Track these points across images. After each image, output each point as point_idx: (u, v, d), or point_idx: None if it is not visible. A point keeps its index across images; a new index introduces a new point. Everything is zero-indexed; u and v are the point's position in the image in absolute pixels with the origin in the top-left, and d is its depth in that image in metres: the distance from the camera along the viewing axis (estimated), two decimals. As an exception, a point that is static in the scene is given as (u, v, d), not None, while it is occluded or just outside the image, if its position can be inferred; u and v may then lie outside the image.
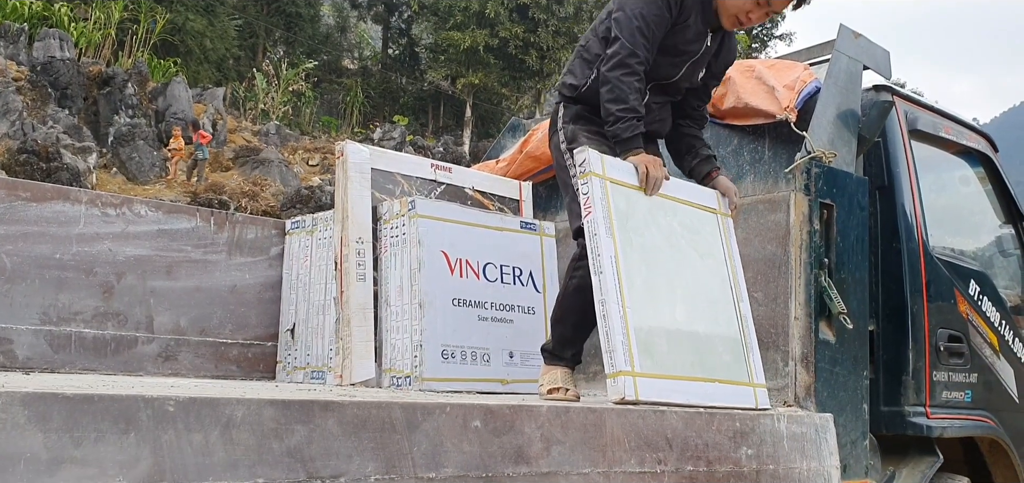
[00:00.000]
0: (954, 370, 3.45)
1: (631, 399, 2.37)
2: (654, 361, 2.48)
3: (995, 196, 4.18)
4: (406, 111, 29.60)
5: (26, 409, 1.39)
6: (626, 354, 2.42)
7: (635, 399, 2.37)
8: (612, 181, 2.58)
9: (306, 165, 21.08)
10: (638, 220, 2.62)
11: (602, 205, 2.52)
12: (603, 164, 2.58)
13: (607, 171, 2.59)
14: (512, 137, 4.59)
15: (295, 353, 3.48)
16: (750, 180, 3.44)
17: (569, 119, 3.05)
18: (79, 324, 3.10)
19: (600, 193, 2.54)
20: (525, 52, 26.62)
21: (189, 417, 1.55)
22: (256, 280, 3.54)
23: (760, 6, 2.83)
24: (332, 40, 31.83)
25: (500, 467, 1.98)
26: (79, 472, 1.43)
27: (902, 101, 3.62)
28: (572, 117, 3.04)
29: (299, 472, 1.67)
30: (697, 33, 2.88)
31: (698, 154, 3.09)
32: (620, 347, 2.42)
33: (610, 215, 2.53)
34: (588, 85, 2.99)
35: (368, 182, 3.24)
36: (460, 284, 3.12)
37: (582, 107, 3.03)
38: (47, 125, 16.49)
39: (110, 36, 21.38)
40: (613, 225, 2.52)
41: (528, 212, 3.72)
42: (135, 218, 3.25)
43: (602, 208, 2.52)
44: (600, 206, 2.52)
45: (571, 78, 3.05)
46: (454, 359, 3.03)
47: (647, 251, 2.61)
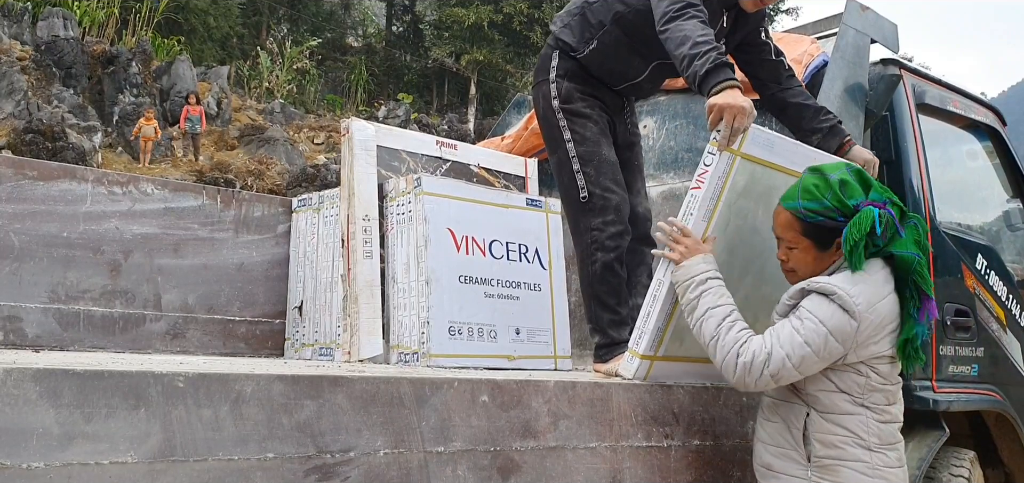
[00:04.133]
0: (961, 344, 3.45)
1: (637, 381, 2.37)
2: (683, 345, 2.42)
3: (1003, 170, 4.17)
4: (410, 89, 29.51)
5: (38, 385, 1.40)
6: (655, 341, 2.38)
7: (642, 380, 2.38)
8: (745, 157, 2.37)
9: (311, 143, 21.05)
10: (750, 199, 2.43)
11: (715, 184, 2.33)
12: (744, 137, 2.35)
13: (745, 145, 2.36)
14: (517, 114, 4.58)
15: (303, 330, 3.49)
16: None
17: (562, 73, 3.00)
18: (87, 302, 3.11)
19: (722, 170, 2.34)
20: (530, 28, 26.48)
21: (199, 393, 1.56)
22: (263, 258, 3.55)
23: None
24: (336, 17, 31.69)
25: (508, 441, 1.99)
26: (90, 447, 1.44)
27: (910, 75, 3.60)
28: (566, 72, 3.00)
29: (309, 446, 1.68)
30: (713, 12, 2.77)
31: (819, 126, 2.87)
32: (653, 333, 2.38)
33: (719, 196, 2.34)
34: (585, 54, 2.95)
35: (374, 160, 3.23)
36: (466, 261, 3.12)
37: (576, 65, 2.99)
38: (52, 105, 16.49)
39: (113, 15, 21.30)
40: (716, 209, 2.34)
41: (534, 189, 3.71)
42: (142, 196, 3.25)
43: (713, 188, 2.33)
44: (712, 184, 2.32)
45: (569, 35, 2.98)
46: (461, 336, 3.03)
47: (740, 233, 2.45)
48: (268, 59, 24.78)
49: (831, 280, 2.15)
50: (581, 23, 2.96)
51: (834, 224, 2.19)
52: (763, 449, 2.32)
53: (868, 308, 2.13)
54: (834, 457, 2.19)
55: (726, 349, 2.15)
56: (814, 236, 2.23)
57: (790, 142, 2.49)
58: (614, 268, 2.87)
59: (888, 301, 2.19)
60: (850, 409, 2.20)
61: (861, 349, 2.16)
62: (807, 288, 2.18)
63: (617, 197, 2.91)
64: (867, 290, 2.14)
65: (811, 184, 2.22)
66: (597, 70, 2.97)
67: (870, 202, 2.18)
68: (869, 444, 2.19)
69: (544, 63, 3.09)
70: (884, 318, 2.17)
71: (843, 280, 2.15)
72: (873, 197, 2.20)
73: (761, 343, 2.13)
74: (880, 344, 2.19)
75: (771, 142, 2.43)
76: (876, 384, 2.20)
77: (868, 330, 2.15)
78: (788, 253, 2.28)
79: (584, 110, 2.96)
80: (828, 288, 2.13)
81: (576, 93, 2.97)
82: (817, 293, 2.15)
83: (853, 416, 2.19)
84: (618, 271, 2.87)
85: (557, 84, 3.00)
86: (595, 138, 2.95)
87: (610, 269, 2.86)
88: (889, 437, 2.23)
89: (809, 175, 2.25)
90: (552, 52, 3.06)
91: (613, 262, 2.86)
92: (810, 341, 2.10)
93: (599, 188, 2.91)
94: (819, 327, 2.10)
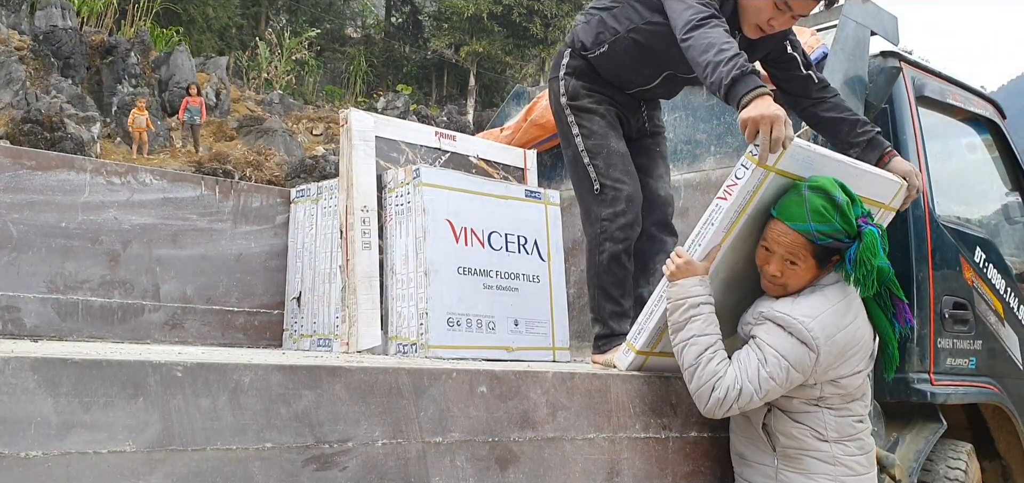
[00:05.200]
0: (959, 337, 3.46)
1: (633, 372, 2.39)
2: None
3: (1002, 163, 4.17)
4: (410, 80, 29.47)
5: (36, 374, 1.40)
6: (653, 338, 2.40)
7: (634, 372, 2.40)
8: (779, 172, 2.26)
9: (310, 134, 21.03)
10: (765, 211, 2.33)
11: (742, 199, 2.25)
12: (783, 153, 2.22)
13: (782, 162, 2.24)
14: (516, 105, 4.58)
15: (301, 321, 3.49)
16: None
17: (571, 70, 3.03)
18: (86, 292, 3.11)
19: (753, 185, 2.24)
20: (529, 20, 26.45)
21: (197, 382, 1.57)
22: (262, 248, 3.55)
23: (781, 11, 2.61)
24: (335, 8, 31.62)
25: (506, 432, 1.99)
26: (89, 436, 1.44)
27: (909, 67, 3.59)
28: (575, 70, 3.02)
29: (307, 436, 1.68)
30: None
31: (857, 140, 2.75)
32: (651, 332, 2.39)
33: (744, 210, 2.26)
34: (595, 55, 2.98)
35: (372, 150, 3.23)
36: (465, 252, 3.12)
37: (586, 64, 3.01)
38: (50, 95, 16.46)
39: (112, 5, 21.25)
40: (738, 222, 2.27)
41: (533, 180, 3.71)
42: (140, 187, 3.25)
43: (739, 201, 2.25)
44: (739, 198, 2.24)
45: (584, 33, 3.00)
46: (459, 327, 3.03)
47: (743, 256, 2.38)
48: (267, 50, 24.74)
49: (791, 311, 2.20)
50: (598, 25, 2.97)
51: (841, 246, 2.22)
52: (736, 439, 2.44)
53: (827, 339, 2.19)
54: (796, 448, 2.29)
55: (702, 381, 2.21)
56: (820, 256, 2.25)
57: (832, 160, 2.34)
58: (621, 259, 2.87)
59: (851, 328, 2.25)
60: (806, 409, 2.29)
61: (821, 374, 2.23)
62: (766, 315, 2.24)
63: (628, 188, 2.91)
64: (828, 321, 2.20)
65: (821, 206, 2.21)
66: (606, 73, 2.98)
67: (862, 218, 2.23)
68: (827, 437, 2.28)
69: (557, 59, 3.13)
70: (845, 346, 2.23)
71: (808, 309, 2.20)
72: (857, 212, 2.23)
73: (734, 379, 2.19)
74: (842, 367, 2.25)
75: (810, 161, 2.29)
76: (832, 393, 2.28)
77: (828, 359, 2.21)
78: (785, 269, 2.27)
79: (590, 105, 2.98)
80: (785, 321, 2.19)
81: (582, 90, 3.00)
82: (774, 324, 2.21)
83: (810, 413, 2.29)
84: (625, 263, 2.88)
85: (565, 82, 3.03)
86: (602, 131, 2.95)
87: (617, 260, 2.87)
88: (848, 430, 2.31)
89: (814, 195, 2.23)
90: (565, 49, 3.09)
91: (621, 254, 2.87)
92: (774, 375, 2.19)
93: (610, 180, 2.91)
94: (781, 361, 2.18)
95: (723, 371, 2.21)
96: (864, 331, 2.30)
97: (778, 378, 2.18)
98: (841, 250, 2.23)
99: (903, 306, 2.33)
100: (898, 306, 2.33)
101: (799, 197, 2.24)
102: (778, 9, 2.61)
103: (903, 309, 2.33)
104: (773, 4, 2.60)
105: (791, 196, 2.27)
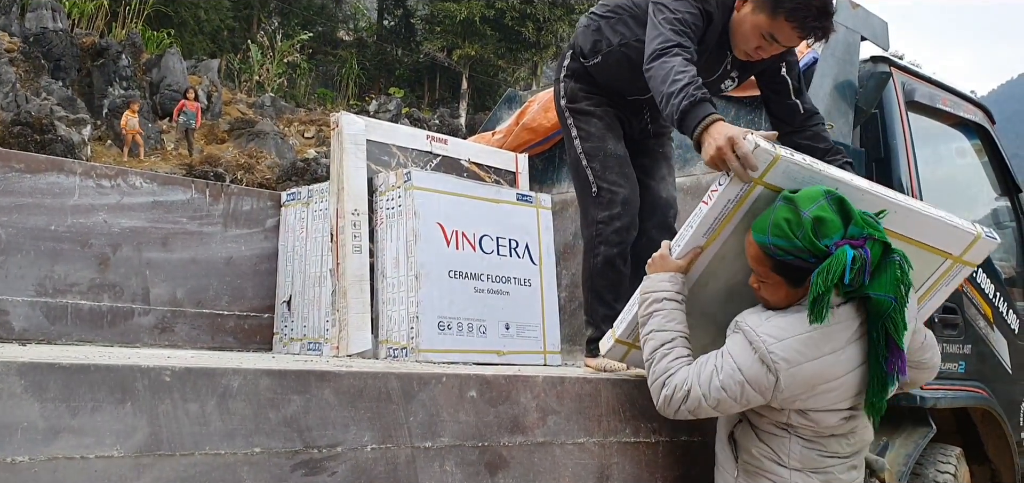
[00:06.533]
0: (948, 341, 3.47)
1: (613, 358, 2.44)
2: None
3: (991, 168, 4.19)
4: (402, 83, 29.44)
5: (23, 379, 1.40)
6: (632, 329, 2.36)
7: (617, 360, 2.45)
8: (769, 186, 2.12)
9: (301, 137, 20.98)
10: None
11: (725, 206, 2.15)
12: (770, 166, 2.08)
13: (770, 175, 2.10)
14: (508, 109, 4.58)
15: (291, 324, 3.48)
16: None
17: (570, 73, 3.06)
18: (75, 296, 3.10)
19: (735, 195, 2.13)
20: (522, 23, 26.44)
21: (186, 387, 1.56)
22: (252, 252, 3.54)
23: (767, 41, 2.58)
24: (327, 11, 31.56)
25: (496, 436, 1.99)
26: (76, 441, 1.43)
27: (899, 72, 3.61)
28: (574, 73, 3.05)
29: (296, 441, 1.68)
30: (717, 57, 2.75)
31: None
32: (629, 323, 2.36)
33: (727, 218, 2.16)
34: (591, 64, 3.00)
35: (364, 154, 3.22)
36: (456, 256, 3.11)
37: (583, 69, 3.03)
38: (41, 97, 16.39)
39: (103, 7, 21.17)
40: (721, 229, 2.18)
41: (524, 184, 3.71)
42: (130, 190, 3.24)
43: (722, 208, 2.15)
44: (720, 206, 2.15)
45: (583, 39, 3.03)
46: (450, 331, 3.03)
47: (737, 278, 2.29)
48: (259, 52, 24.69)
49: (758, 327, 2.04)
50: (596, 33, 2.98)
51: (805, 265, 2.00)
52: (716, 442, 2.38)
53: (789, 365, 2.00)
54: (755, 466, 2.19)
55: (655, 376, 2.15)
56: (784, 274, 2.05)
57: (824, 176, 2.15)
58: (615, 263, 2.87)
59: (827, 361, 2.03)
60: (774, 431, 2.15)
61: (787, 402, 2.06)
62: (739, 324, 2.09)
63: (624, 191, 2.90)
64: (796, 347, 2.00)
65: (783, 219, 2.02)
66: (602, 81, 3.00)
67: (847, 240, 1.98)
68: (788, 464, 2.13)
69: (560, 61, 3.16)
70: (813, 378, 2.02)
71: (776, 329, 2.02)
72: (853, 232, 2.00)
73: (684, 378, 2.09)
74: (812, 400, 2.06)
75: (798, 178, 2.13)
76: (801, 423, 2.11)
77: (792, 388, 2.02)
78: (759, 284, 2.13)
79: (588, 107, 2.99)
80: (751, 335, 2.04)
81: (581, 92, 3.02)
82: (742, 335, 2.06)
83: (776, 437, 2.15)
84: (619, 267, 2.88)
85: (565, 84, 3.06)
86: (600, 133, 2.95)
87: (611, 264, 2.87)
88: (813, 462, 2.13)
89: (783, 207, 2.04)
90: (567, 51, 3.12)
91: (615, 257, 2.87)
92: (726, 386, 2.04)
93: (606, 182, 2.91)
94: (736, 374, 2.03)
95: (675, 369, 2.12)
96: (847, 368, 2.06)
97: (731, 391, 2.04)
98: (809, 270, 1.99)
99: (897, 353, 2.05)
100: (892, 351, 2.05)
101: (771, 209, 2.08)
102: (764, 39, 2.58)
103: (896, 356, 2.05)
104: (759, 34, 2.57)
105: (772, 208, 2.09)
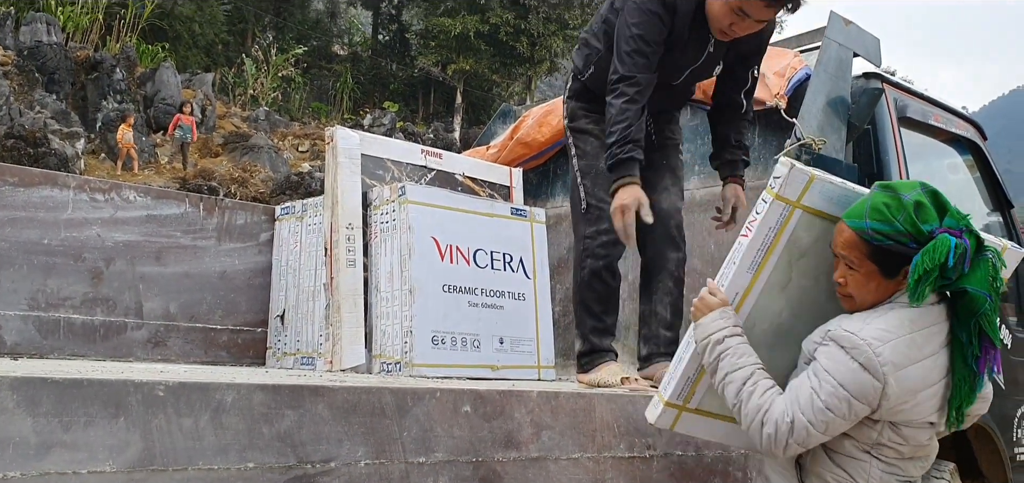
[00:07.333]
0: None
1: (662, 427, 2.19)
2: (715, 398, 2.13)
3: (983, 183, 4.20)
4: (396, 97, 29.48)
5: (15, 393, 1.39)
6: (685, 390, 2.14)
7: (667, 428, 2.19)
8: (807, 209, 2.07)
9: (296, 151, 20.97)
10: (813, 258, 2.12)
11: (766, 235, 2.06)
12: (807, 187, 2.04)
13: (807, 197, 2.06)
14: (503, 123, 4.59)
15: (285, 339, 3.48)
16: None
17: (572, 94, 3.15)
18: (68, 310, 3.09)
19: (776, 221, 2.05)
20: (516, 39, 26.52)
21: (179, 402, 1.55)
22: (246, 266, 3.53)
23: (739, 16, 2.65)
24: (322, 25, 31.62)
25: (490, 452, 1.98)
26: (68, 456, 1.43)
27: (892, 89, 3.63)
28: (575, 93, 3.14)
29: (289, 456, 1.67)
30: (698, 42, 2.81)
31: (722, 156, 3.02)
32: (683, 383, 2.13)
33: (771, 249, 2.07)
34: (586, 77, 3.08)
35: (358, 168, 3.23)
36: (450, 270, 3.11)
37: (582, 87, 3.11)
38: (34, 110, 16.36)
39: (98, 20, 21.17)
40: (766, 261, 2.08)
41: (519, 198, 3.72)
42: (124, 204, 3.23)
43: (763, 238, 2.06)
44: (761, 235, 2.06)
45: (578, 57, 3.14)
46: (444, 345, 3.03)
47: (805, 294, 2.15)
48: (253, 66, 24.70)
49: (859, 331, 1.90)
50: (584, 47, 3.10)
51: (904, 250, 1.91)
52: (766, 461, 2.19)
53: (898, 369, 1.88)
54: None
55: (750, 418, 1.95)
56: (880, 261, 1.95)
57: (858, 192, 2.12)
58: (602, 276, 2.92)
59: (927, 365, 1.93)
60: (855, 454, 2.00)
61: (890, 412, 1.93)
62: (831, 334, 1.93)
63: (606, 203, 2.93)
64: (902, 348, 1.89)
65: (881, 203, 1.94)
66: (599, 92, 3.03)
67: (945, 229, 1.91)
68: None
69: (565, 83, 3.27)
70: (917, 383, 1.91)
71: (879, 329, 1.90)
72: (948, 223, 1.93)
73: (783, 410, 1.91)
74: (911, 411, 1.94)
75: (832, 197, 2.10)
76: (892, 441, 1.98)
77: (901, 394, 1.89)
78: (847, 274, 1.99)
79: (586, 126, 3.07)
80: (850, 342, 1.88)
81: (580, 111, 3.10)
82: (837, 345, 1.90)
83: (857, 461, 2.00)
84: (606, 279, 2.92)
85: (568, 105, 3.16)
86: (594, 152, 3.02)
87: (597, 276, 2.92)
88: None
89: (879, 192, 1.98)
90: (570, 73, 3.22)
91: (601, 269, 2.91)
92: (832, 406, 1.88)
93: (595, 199, 2.96)
94: (839, 390, 1.88)
95: (768, 403, 1.93)
96: (939, 376, 1.95)
97: (838, 409, 1.87)
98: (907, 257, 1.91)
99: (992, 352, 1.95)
100: (986, 349, 1.94)
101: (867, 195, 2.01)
102: (736, 15, 2.65)
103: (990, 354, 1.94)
104: (731, 10, 2.64)
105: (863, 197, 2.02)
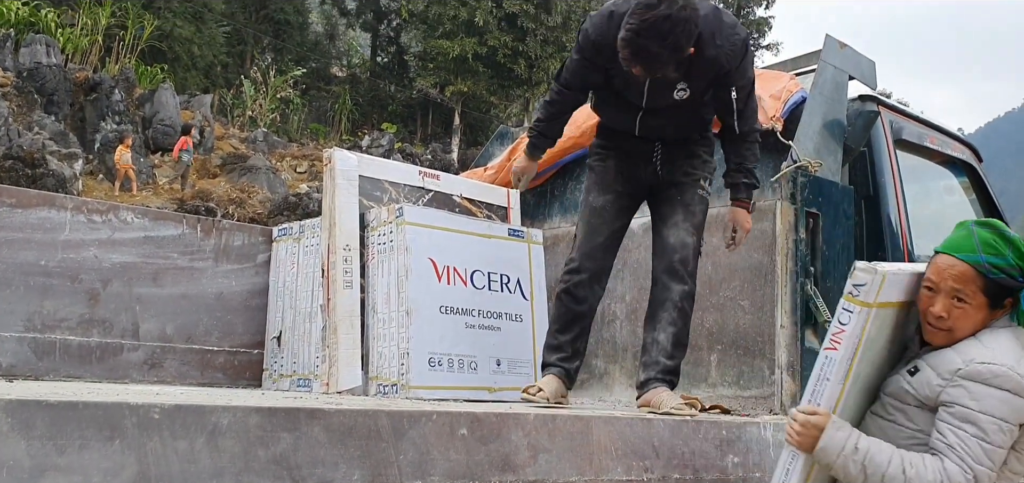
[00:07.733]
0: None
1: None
2: None
3: (979, 205, 4.21)
4: (394, 119, 29.54)
5: (9, 417, 1.38)
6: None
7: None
8: (881, 305, 2.10)
9: (294, 172, 20.99)
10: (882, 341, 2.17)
11: (852, 343, 2.08)
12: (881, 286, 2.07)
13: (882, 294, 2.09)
14: (500, 145, 4.60)
15: (281, 361, 3.47)
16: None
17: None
18: (64, 331, 3.08)
19: (858, 327, 2.08)
20: (514, 61, 26.61)
21: (174, 424, 1.55)
22: (243, 287, 3.53)
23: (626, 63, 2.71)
24: (321, 47, 31.72)
25: (487, 475, 1.97)
26: (63, 480, 1.42)
27: (887, 111, 3.64)
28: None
29: (285, 480, 1.66)
30: None
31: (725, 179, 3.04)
32: None
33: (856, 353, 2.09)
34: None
35: (356, 189, 3.23)
36: (448, 291, 3.11)
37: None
38: (33, 131, 16.37)
39: (97, 42, 21.23)
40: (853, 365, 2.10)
41: (516, 219, 3.72)
42: (121, 225, 3.23)
43: (850, 347, 2.08)
44: (849, 344, 2.08)
45: None
46: (441, 367, 3.02)
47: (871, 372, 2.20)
48: (252, 88, 24.76)
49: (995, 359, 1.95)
50: None
51: (1013, 284, 2.00)
52: None
53: None
54: None
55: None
56: (991, 294, 2.01)
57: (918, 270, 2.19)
58: (561, 298, 3.05)
59: None
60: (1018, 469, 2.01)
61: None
62: (965, 374, 1.96)
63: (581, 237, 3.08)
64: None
65: (991, 239, 2.03)
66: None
67: None
68: None
69: None
70: None
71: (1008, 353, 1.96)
72: None
73: (959, 471, 1.90)
74: None
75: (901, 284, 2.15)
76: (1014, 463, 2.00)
77: None
78: (954, 308, 2.02)
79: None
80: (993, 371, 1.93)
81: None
82: (977, 382, 1.94)
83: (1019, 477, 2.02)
84: (565, 302, 3.04)
85: None
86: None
87: (559, 298, 3.06)
88: None
89: (982, 230, 2.05)
90: None
91: (562, 292, 3.04)
92: (1000, 443, 1.92)
93: (577, 229, 3.12)
94: (1002, 425, 1.91)
95: (938, 471, 1.92)
96: None
97: (1003, 443, 1.91)
98: (1013, 290, 2.01)
99: None
100: None
101: (966, 232, 2.07)
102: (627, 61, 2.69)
103: None
104: None
105: (957, 232, 2.10)
